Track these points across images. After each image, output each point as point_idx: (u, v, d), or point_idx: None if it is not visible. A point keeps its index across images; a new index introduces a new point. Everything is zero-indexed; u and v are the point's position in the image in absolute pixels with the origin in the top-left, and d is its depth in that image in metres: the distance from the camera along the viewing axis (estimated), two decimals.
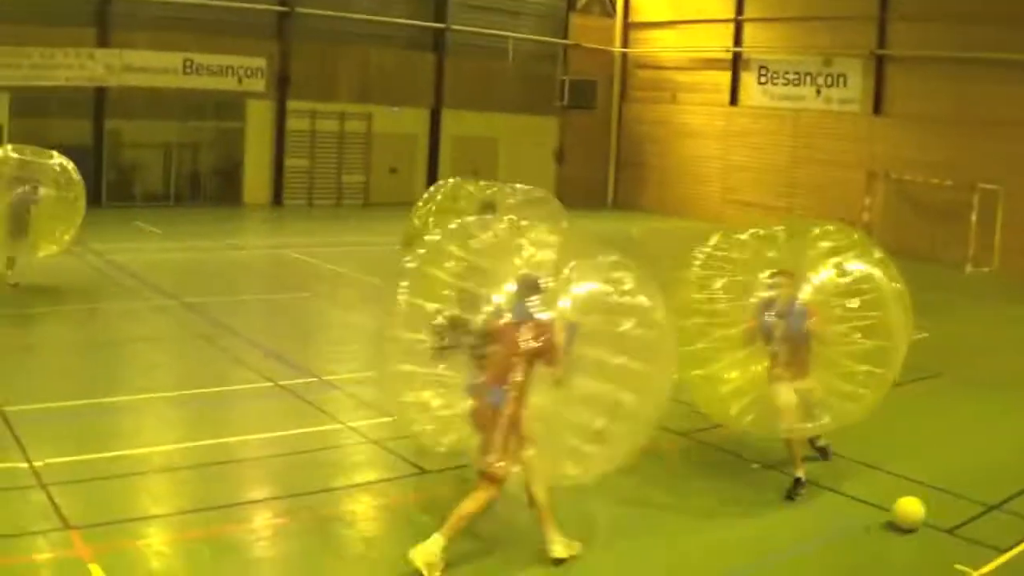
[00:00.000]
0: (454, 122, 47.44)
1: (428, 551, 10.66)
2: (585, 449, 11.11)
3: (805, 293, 13.87)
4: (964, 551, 12.65)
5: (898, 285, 14.34)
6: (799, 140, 46.16)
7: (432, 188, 22.07)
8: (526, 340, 10.72)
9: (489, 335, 11.07)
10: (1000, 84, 39.26)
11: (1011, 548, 12.84)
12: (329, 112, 43.99)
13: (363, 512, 12.60)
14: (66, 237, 24.10)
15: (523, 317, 10.86)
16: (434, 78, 47.20)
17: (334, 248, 31.65)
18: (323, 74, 43.87)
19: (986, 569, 12.13)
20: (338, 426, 15.54)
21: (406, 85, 46.14)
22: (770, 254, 14.54)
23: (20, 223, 23.31)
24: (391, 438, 14.94)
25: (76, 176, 24.12)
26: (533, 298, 10.92)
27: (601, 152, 53.43)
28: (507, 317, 11.03)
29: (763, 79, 47.87)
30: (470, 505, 11.01)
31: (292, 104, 43.14)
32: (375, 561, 11.33)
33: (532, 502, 11.37)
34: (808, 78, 46.11)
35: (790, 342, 13.74)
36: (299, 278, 26.96)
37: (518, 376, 10.69)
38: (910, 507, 13.24)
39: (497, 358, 10.87)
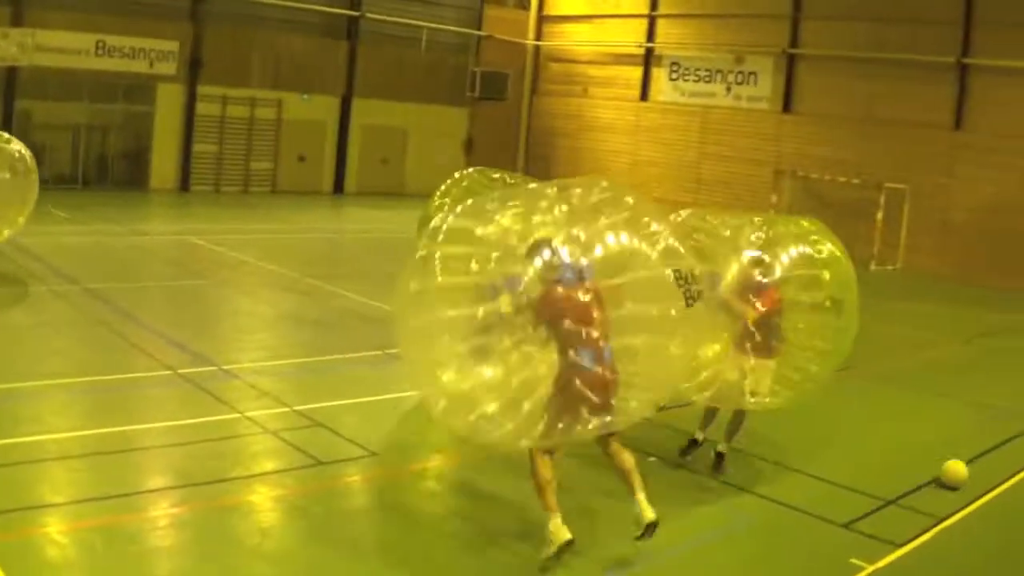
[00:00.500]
0: (364, 111, 47.13)
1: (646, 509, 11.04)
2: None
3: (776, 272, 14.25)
4: (860, 545, 12.74)
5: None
6: (708, 136, 46.42)
7: (456, 175, 21.99)
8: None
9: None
10: (909, 84, 39.76)
11: (907, 543, 12.95)
12: (240, 98, 43.54)
13: (259, 503, 12.48)
14: (20, 219, 23.62)
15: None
16: (346, 66, 46.83)
17: (240, 235, 31.39)
18: (235, 59, 43.36)
19: (881, 563, 12.22)
20: (236, 415, 15.34)
21: (318, 72, 45.82)
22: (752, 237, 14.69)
23: None
24: (288, 428, 14.89)
25: (32, 163, 23.83)
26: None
27: (511, 144, 53.37)
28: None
29: (674, 75, 48.06)
30: (628, 459, 11.18)
31: (203, 89, 42.59)
32: (270, 552, 11.21)
33: (625, 458, 11.27)
34: (719, 75, 46.37)
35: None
36: (203, 265, 26.73)
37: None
38: (956, 467, 15.05)
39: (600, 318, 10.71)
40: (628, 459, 11.14)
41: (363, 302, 23.94)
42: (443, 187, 20.47)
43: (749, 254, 14.26)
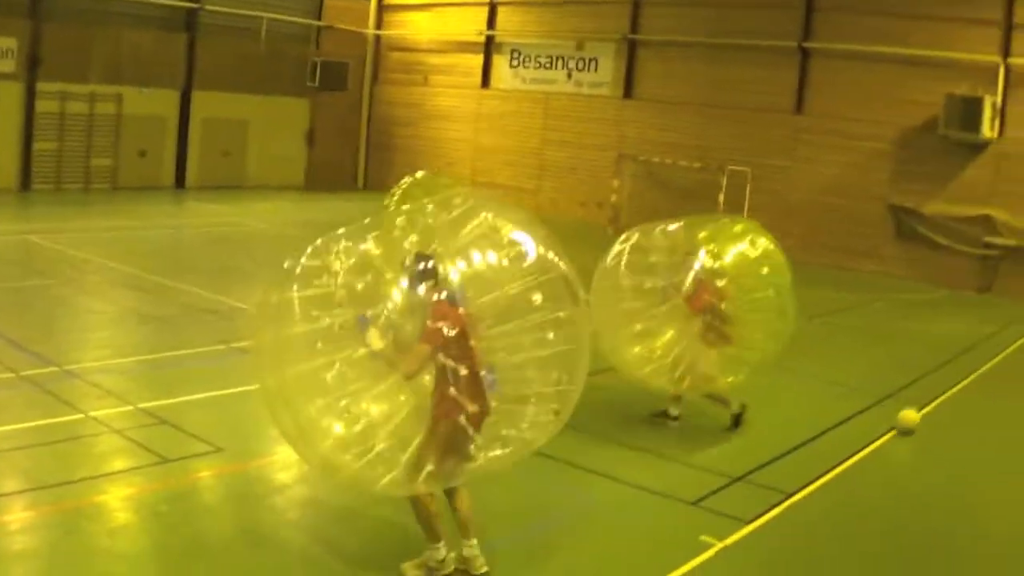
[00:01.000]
0: (205, 104, 46.41)
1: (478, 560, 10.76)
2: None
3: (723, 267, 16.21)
4: (709, 522, 12.91)
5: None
6: (550, 123, 46.56)
7: (405, 179, 23.53)
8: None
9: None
10: (750, 69, 40.24)
11: (755, 518, 13.14)
12: (79, 94, 42.56)
13: (108, 503, 12.30)
14: None
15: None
16: (185, 59, 46.11)
17: (82, 233, 30.86)
18: (75, 55, 42.24)
19: (730, 540, 12.39)
20: (80, 416, 15.07)
21: (158, 66, 44.95)
22: (701, 234, 16.56)
23: None
24: (133, 427, 14.71)
25: None
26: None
27: (352, 134, 53.06)
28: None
29: (515, 62, 48.15)
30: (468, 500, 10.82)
31: (42, 86, 41.58)
32: (121, 553, 11.08)
33: (465, 501, 10.86)
34: (560, 61, 46.54)
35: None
36: (43, 264, 26.25)
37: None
38: (908, 414, 17.61)
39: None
40: (468, 499, 10.79)
41: (206, 296, 23.72)
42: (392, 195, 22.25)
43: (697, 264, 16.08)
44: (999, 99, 34.15)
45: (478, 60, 49.14)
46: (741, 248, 16.66)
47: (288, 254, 10.69)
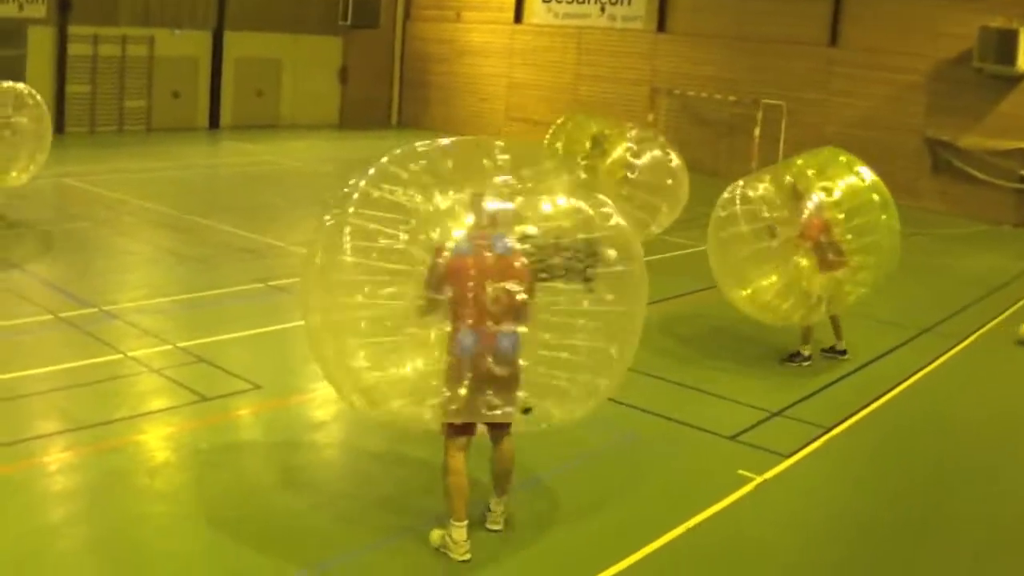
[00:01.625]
0: (237, 44, 46.29)
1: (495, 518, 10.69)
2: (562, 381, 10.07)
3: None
4: (747, 457, 12.94)
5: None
6: (583, 57, 46.31)
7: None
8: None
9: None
10: (781, 2, 39.91)
11: (793, 453, 13.15)
12: (111, 36, 42.50)
13: (146, 442, 12.38)
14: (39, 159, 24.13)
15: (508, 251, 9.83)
16: None
17: (116, 175, 30.91)
18: None
19: (769, 474, 12.41)
20: (119, 356, 15.19)
21: (188, 7, 44.90)
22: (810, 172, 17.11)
23: None
24: (171, 366, 14.77)
25: (32, 101, 23.89)
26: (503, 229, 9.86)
27: (385, 72, 52.82)
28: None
29: None
30: (511, 457, 10.58)
31: (73, 29, 41.50)
32: (161, 491, 11.15)
33: (502, 459, 10.59)
34: None
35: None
36: (80, 207, 26.29)
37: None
38: None
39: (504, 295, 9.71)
40: (508, 462, 10.55)
41: (243, 235, 23.76)
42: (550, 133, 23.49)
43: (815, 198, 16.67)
44: None
45: None
46: (850, 180, 17.08)
47: (323, 192, 10.59)
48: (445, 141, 10.52)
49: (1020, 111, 34.35)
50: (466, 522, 10.07)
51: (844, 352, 17.58)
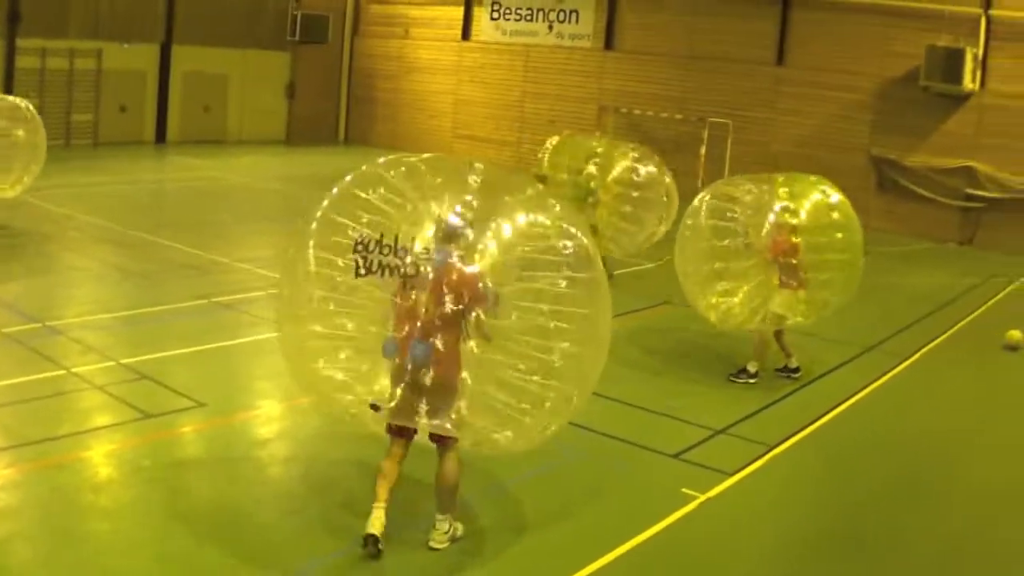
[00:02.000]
0: (185, 58, 46.17)
1: (441, 534, 10.63)
2: (516, 413, 10.11)
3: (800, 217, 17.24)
4: (691, 475, 12.96)
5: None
6: (530, 75, 46.45)
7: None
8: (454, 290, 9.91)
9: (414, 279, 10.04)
10: (731, 20, 40.19)
11: (737, 471, 13.18)
12: (59, 49, 42.36)
13: (90, 459, 12.29)
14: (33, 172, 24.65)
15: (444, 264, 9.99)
16: (165, 13, 45.82)
17: (63, 190, 30.66)
18: (54, 10, 42.08)
19: (712, 492, 12.43)
20: (62, 372, 15.06)
21: (137, 20, 44.69)
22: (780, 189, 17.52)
23: None
24: (115, 383, 14.68)
25: (30, 114, 24.44)
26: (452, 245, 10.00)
27: (333, 88, 52.79)
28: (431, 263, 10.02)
29: (495, 15, 47.91)
30: (455, 474, 10.56)
31: (21, 42, 41.23)
32: (104, 508, 11.07)
33: (442, 475, 10.61)
34: (540, 14, 46.33)
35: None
36: (26, 221, 26.06)
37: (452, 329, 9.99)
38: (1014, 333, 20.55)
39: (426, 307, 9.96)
40: (446, 479, 10.55)
41: (188, 251, 23.66)
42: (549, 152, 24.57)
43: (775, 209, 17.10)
44: (980, 51, 34.12)
45: (458, 12, 48.89)
46: (815, 198, 17.77)
47: (269, 208, 10.68)
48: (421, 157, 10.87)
49: (966, 130, 34.69)
50: (377, 504, 10.30)
51: (797, 370, 17.73)
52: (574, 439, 13.80)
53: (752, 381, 17.19)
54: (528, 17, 46.70)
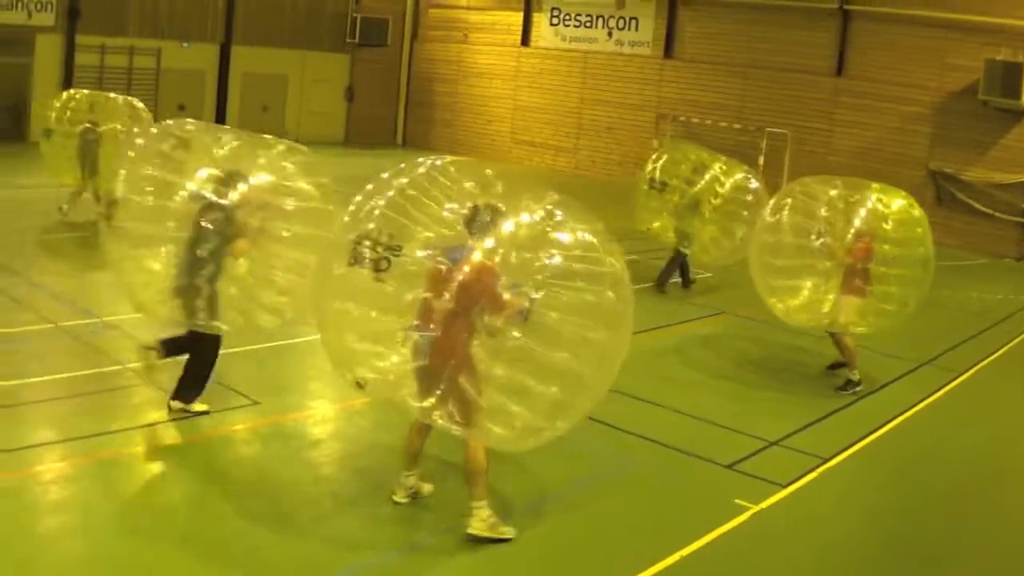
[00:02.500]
0: (244, 58, 46.49)
1: (480, 520, 10.80)
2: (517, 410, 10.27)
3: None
4: (744, 486, 12.92)
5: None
6: (588, 82, 46.44)
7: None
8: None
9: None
10: (790, 30, 40.09)
11: (791, 483, 13.13)
12: (118, 47, 42.60)
13: (141, 454, 12.38)
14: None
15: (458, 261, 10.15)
16: (225, 13, 46.08)
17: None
18: (113, 8, 42.41)
19: (765, 504, 12.38)
20: (118, 367, 15.16)
21: (197, 20, 44.99)
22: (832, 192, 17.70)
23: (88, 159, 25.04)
24: (170, 380, 14.68)
25: (147, 115, 25.79)
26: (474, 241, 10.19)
27: (392, 91, 52.95)
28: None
29: (555, 20, 47.95)
30: (477, 461, 10.79)
31: (81, 39, 41.53)
32: (153, 504, 11.15)
33: (465, 460, 10.90)
34: (600, 20, 46.33)
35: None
36: (85, 216, 25.98)
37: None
38: None
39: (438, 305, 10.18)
40: (468, 463, 10.82)
41: None
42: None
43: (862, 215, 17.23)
44: None
45: (518, 18, 48.94)
46: (900, 204, 17.72)
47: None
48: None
49: None
50: (409, 472, 11.45)
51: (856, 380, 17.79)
52: (629, 448, 13.89)
53: (858, 389, 17.51)
54: (588, 24, 46.70)
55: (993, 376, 19.61)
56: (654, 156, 25.31)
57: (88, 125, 25.29)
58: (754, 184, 23.68)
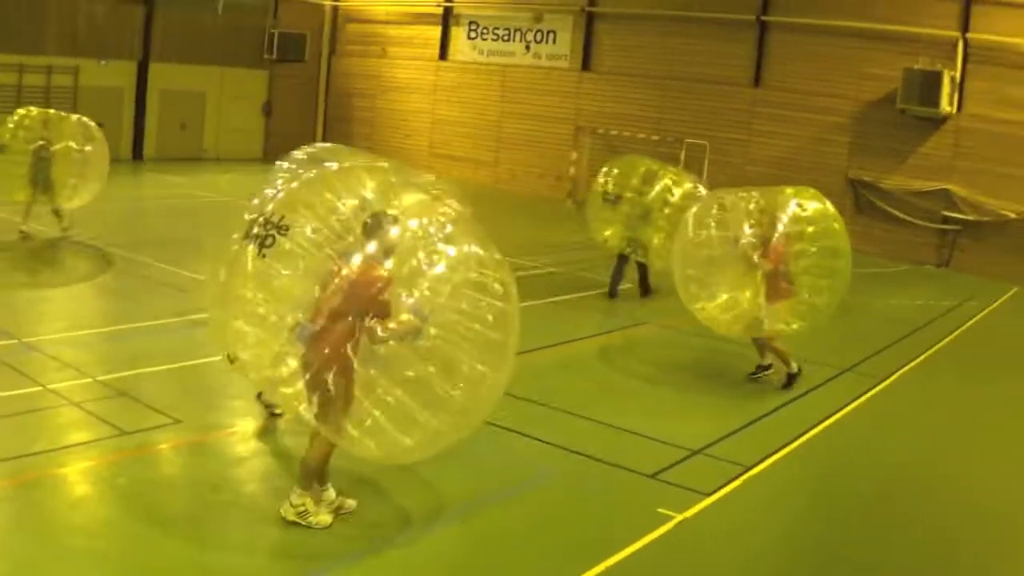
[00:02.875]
0: (162, 75, 46.18)
1: (291, 507, 11.18)
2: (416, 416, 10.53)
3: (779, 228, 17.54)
4: (668, 495, 12.94)
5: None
6: (508, 95, 46.53)
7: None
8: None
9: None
10: (707, 41, 40.35)
11: (714, 491, 13.16)
12: (37, 65, 42.35)
13: (65, 476, 12.22)
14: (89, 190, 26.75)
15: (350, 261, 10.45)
16: (143, 30, 45.79)
17: (38, 206, 30.47)
18: (31, 26, 42.14)
19: (689, 512, 12.41)
20: (38, 388, 14.97)
21: (115, 37, 44.72)
22: (750, 206, 17.96)
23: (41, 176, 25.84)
24: (92, 399, 14.60)
25: (98, 134, 26.73)
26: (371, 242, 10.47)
27: (310, 106, 52.80)
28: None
29: (473, 34, 48.01)
30: (315, 457, 11.18)
31: None
32: (79, 525, 11.02)
33: (307, 457, 11.36)
34: (518, 34, 46.43)
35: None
36: (1, 237, 26.01)
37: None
38: None
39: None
40: (311, 458, 11.28)
41: (164, 269, 23.59)
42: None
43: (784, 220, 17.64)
44: (958, 74, 34.22)
45: (436, 32, 48.96)
46: (815, 206, 18.12)
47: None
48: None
49: (943, 152, 34.82)
50: (320, 487, 11.45)
51: (769, 367, 18.62)
52: (551, 458, 13.88)
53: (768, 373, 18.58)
54: (505, 37, 46.78)
55: (915, 382, 19.77)
56: (605, 169, 25.49)
57: (42, 143, 25.74)
58: (703, 192, 23.84)
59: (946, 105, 33.93)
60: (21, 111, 26.87)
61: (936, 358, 21.55)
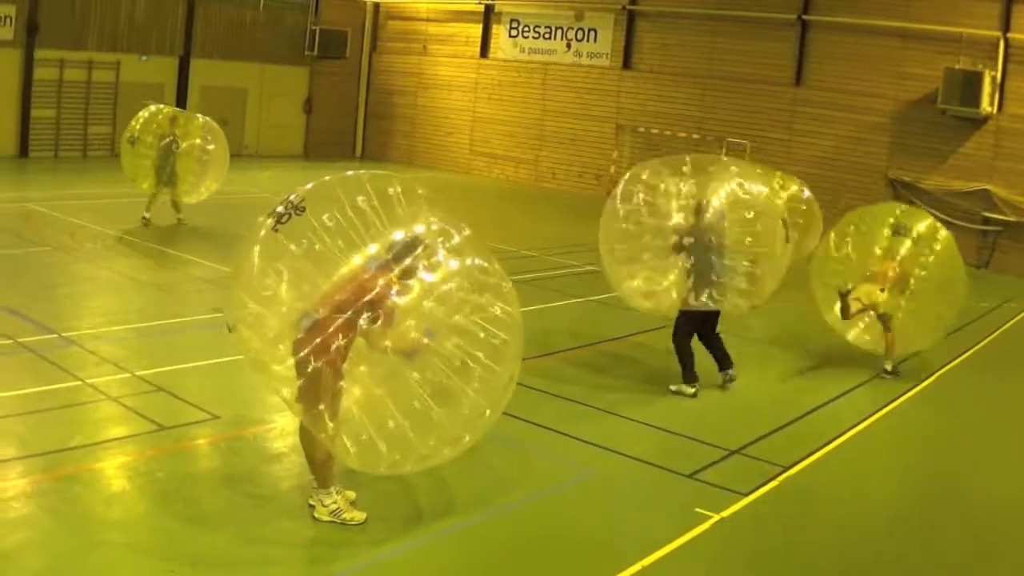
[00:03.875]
0: (203, 72, 46.24)
1: (322, 507, 11.28)
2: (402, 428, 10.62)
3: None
4: (705, 494, 12.92)
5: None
6: (549, 93, 46.47)
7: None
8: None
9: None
10: (749, 41, 40.18)
11: (752, 491, 13.13)
12: (77, 61, 42.39)
13: (103, 470, 12.29)
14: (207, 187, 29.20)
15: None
16: (184, 26, 45.89)
17: (79, 200, 30.67)
18: (73, 22, 42.14)
19: (727, 512, 12.38)
20: (77, 383, 15.07)
21: (156, 33, 44.81)
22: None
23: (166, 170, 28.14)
24: (130, 395, 14.67)
25: (221, 136, 29.42)
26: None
27: (351, 103, 52.87)
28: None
29: (514, 32, 47.98)
30: (314, 454, 11.29)
31: (40, 53, 41.26)
32: (117, 519, 11.07)
33: (307, 457, 11.53)
34: (559, 32, 46.37)
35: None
36: (40, 231, 26.12)
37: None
38: None
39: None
40: (309, 456, 11.45)
41: (204, 264, 23.67)
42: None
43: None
44: (999, 74, 34.02)
45: (477, 29, 48.91)
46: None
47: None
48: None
49: (983, 153, 34.60)
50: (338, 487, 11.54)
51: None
52: (589, 457, 13.86)
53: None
54: (547, 35, 46.74)
55: (954, 383, 19.69)
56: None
57: (171, 139, 28.02)
58: (807, 194, 24.84)
59: (987, 105, 33.74)
60: (152, 107, 28.66)
61: (975, 359, 21.44)
